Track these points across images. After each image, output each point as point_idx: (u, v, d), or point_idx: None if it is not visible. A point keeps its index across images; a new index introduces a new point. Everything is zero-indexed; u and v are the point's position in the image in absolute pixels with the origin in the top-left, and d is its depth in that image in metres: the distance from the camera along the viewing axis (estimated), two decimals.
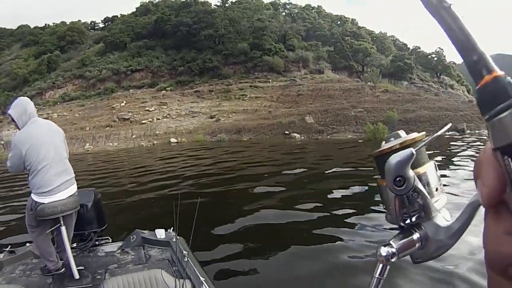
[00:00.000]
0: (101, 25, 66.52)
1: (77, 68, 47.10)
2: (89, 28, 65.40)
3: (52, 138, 3.10)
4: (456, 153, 13.56)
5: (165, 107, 37.02)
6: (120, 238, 3.88)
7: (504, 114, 0.25)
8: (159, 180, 11.00)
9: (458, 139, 19.58)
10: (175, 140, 28.67)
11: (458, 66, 51.12)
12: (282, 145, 21.86)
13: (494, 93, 0.26)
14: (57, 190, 2.98)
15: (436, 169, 0.40)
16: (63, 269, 3.06)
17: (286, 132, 27.70)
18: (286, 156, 16.28)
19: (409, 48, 57.41)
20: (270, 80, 41.51)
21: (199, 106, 36.57)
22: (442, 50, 49.18)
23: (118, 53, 48.86)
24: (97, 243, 3.68)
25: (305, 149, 19.55)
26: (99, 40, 54.52)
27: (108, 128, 32.28)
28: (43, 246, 3.06)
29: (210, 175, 11.62)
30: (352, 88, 36.10)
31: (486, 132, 0.27)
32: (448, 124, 0.41)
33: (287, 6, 66.95)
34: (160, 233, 3.60)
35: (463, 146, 15.96)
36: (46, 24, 64.64)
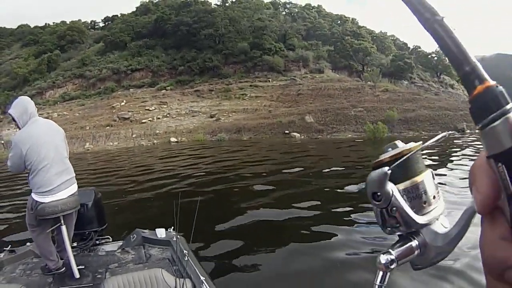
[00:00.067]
0: (101, 25, 66.53)
1: (77, 68, 47.09)
2: (89, 28, 65.39)
3: (53, 138, 3.10)
4: (456, 152, 13.57)
5: (165, 107, 37.01)
6: (121, 238, 3.89)
7: (497, 123, 0.26)
8: (159, 180, 11.00)
9: (458, 139, 19.62)
10: (175, 140, 28.65)
11: None
12: (282, 145, 21.85)
13: (487, 103, 0.27)
14: (58, 190, 2.98)
15: (433, 178, 0.41)
16: (64, 269, 3.06)
17: (286, 132, 27.69)
18: (286, 155, 16.28)
19: (409, 48, 57.42)
20: (270, 80, 41.49)
21: (199, 106, 36.56)
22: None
23: (118, 53, 48.85)
24: (98, 243, 3.69)
25: (305, 149, 19.52)
26: (99, 40, 54.50)
27: (108, 128, 32.26)
28: (44, 246, 3.06)
29: (210, 174, 11.63)
30: (352, 88, 36.10)
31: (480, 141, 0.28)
32: (443, 133, 0.42)
33: (287, 6, 67.01)
34: (161, 232, 3.60)
35: (463, 145, 15.98)
36: (46, 24, 64.65)
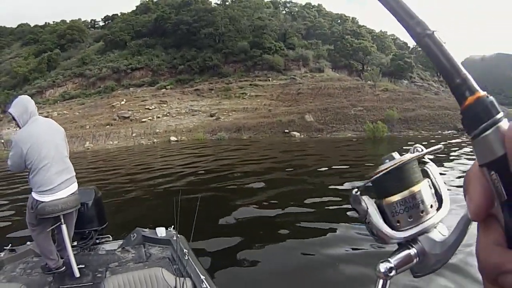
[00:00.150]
0: (101, 24, 66.56)
1: (77, 67, 47.09)
2: (89, 27, 65.40)
3: (53, 137, 3.09)
4: (455, 151, 13.59)
5: (165, 106, 37.00)
6: (121, 237, 3.89)
7: (488, 132, 0.26)
8: (159, 178, 11.01)
9: (458, 138, 19.67)
10: (175, 139, 28.64)
11: None
12: (282, 144, 21.85)
13: (478, 113, 0.27)
14: (58, 189, 2.98)
15: (431, 187, 0.41)
16: (64, 268, 3.06)
17: (286, 131, 27.69)
18: (285, 154, 16.34)
19: (409, 47, 57.44)
20: (270, 79, 41.48)
21: (199, 105, 36.54)
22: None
23: (118, 52, 48.84)
24: (98, 242, 3.69)
25: (304, 148, 19.55)
26: (99, 39, 54.51)
27: (108, 127, 32.25)
28: (44, 245, 3.07)
29: (210, 173, 11.66)
30: (352, 87, 36.09)
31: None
32: (438, 146, 0.43)
33: (287, 5, 67.05)
34: (161, 232, 3.61)
35: (463, 144, 16.00)
36: (46, 23, 64.65)
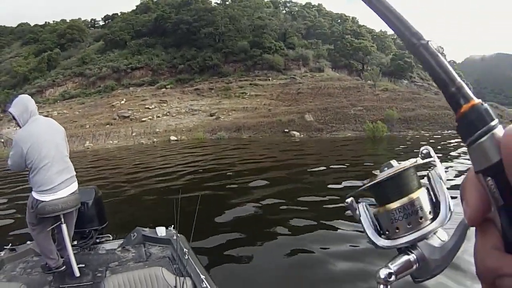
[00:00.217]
0: (101, 23, 66.46)
1: (77, 66, 47.01)
2: (89, 26, 65.31)
3: (53, 136, 3.10)
4: (454, 151, 13.62)
5: (165, 105, 36.97)
6: (121, 236, 3.89)
7: (484, 139, 0.27)
8: (159, 178, 11.02)
9: (457, 138, 19.66)
10: (175, 138, 28.62)
11: (458, 65, 51.19)
12: (281, 143, 21.86)
13: (472, 121, 0.28)
14: (58, 188, 2.99)
15: (429, 194, 0.42)
16: (64, 267, 3.07)
17: (286, 130, 27.67)
18: (284, 153, 16.41)
19: None
20: (270, 78, 41.43)
21: (199, 104, 36.51)
22: (443, 49, 49.16)
23: (118, 51, 48.76)
24: (98, 241, 3.69)
25: (303, 147, 19.58)
26: (99, 38, 54.41)
27: (108, 126, 32.21)
28: (44, 244, 3.07)
29: (210, 172, 11.68)
30: (352, 87, 36.05)
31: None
32: (433, 158, 0.43)
33: (288, 4, 66.97)
34: (161, 231, 3.61)
35: (462, 144, 15.89)
36: (46, 22, 64.55)
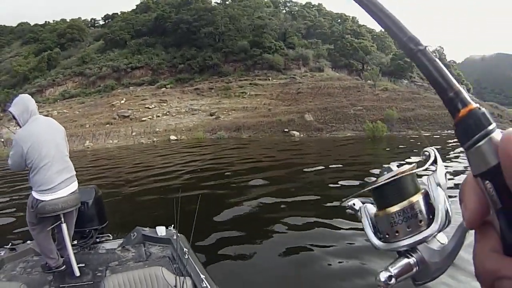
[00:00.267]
0: (101, 23, 66.47)
1: (77, 66, 47.01)
2: (89, 26, 65.31)
3: (53, 136, 3.09)
4: (454, 151, 13.63)
5: (165, 105, 36.96)
6: (121, 236, 3.90)
7: (481, 143, 0.27)
8: (159, 177, 11.02)
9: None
10: (175, 138, 28.62)
11: (458, 65, 51.17)
12: (281, 143, 21.88)
13: (470, 125, 0.28)
14: (58, 188, 2.98)
15: (429, 197, 0.41)
16: (64, 266, 3.07)
17: (285, 130, 27.68)
18: (283, 153, 16.48)
19: None
20: (270, 78, 41.43)
21: (199, 104, 36.50)
22: (443, 49, 49.22)
23: (118, 51, 48.75)
24: (98, 241, 3.69)
25: (303, 147, 19.64)
26: (99, 38, 54.41)
27: (108, 126, 32.22)
28: (44, 244, 3.07)
29: (209, 172, 11.69)
30: (352, 86, 36.05)
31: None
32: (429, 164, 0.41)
33: (288, 4, 66.92)
34: (161, 231, 3.61)
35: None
36: (46, 22, 64.53)
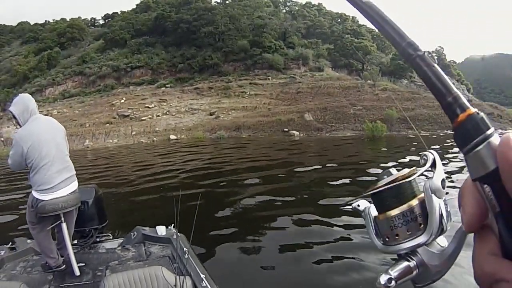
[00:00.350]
0: (101, 22, 66.50)
1: (77, 65, 46.98)
2: (89, 25, 65.30)
3: (54, 135, 3.09)
4: (453, 148, 13.64)
5: (165, 104, 36.94)
6: (121, 235, 3.90)
7: (480, 147, 0.27)
8: (159, 177, 11.02)
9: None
10: (175, 137, 28.60)
11: (458, 65, 51.20)
12: (280, 142, 21.88)
13: (469, 130, 0.28)
14: (58, 187, 2.98)
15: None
16: (64, 266, 3.07)
17: (285, 130, 27.65)
18: (282, 153, 16.50)
19: None
20: (270, 78, 41.42)
21: (199, 103, 36.49)
22: (442, 49, 49.20)
23: (118, 50, 48.73)
24: (98, 240, 3.70)
25: (302, 146, 19.63)
26: (99, 37, 54.37)
27: (108, 125, 32.18)
28: (44, 243, 3.07)
29: (209, 171, 11.70)
30: (352, 86, 36.05)
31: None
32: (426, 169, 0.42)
33: (288, 4, 66.94)
34: (161, 230, 3.61)
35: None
36: (46, 21, 64.55)
